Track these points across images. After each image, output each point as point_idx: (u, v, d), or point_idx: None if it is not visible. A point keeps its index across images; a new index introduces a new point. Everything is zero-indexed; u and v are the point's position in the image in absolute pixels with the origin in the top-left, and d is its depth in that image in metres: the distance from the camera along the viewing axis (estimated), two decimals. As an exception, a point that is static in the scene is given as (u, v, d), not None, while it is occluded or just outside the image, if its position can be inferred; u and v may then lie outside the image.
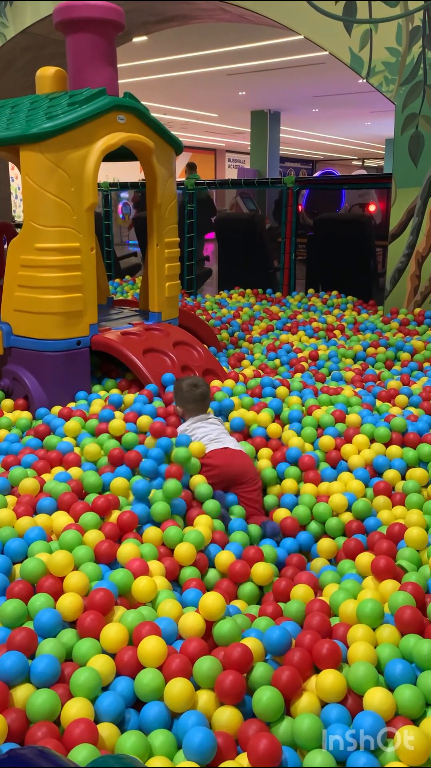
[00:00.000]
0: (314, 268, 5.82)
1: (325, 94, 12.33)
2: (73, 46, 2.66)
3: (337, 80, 10.31)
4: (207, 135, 18.94)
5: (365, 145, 21.52)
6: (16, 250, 2.53)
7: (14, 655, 1.17)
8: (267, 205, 10.42)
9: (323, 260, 5.68)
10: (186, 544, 1.56)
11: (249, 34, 8.02)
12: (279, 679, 1.16)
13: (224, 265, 6.52)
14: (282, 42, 8.34)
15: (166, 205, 2.92)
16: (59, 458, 2.06)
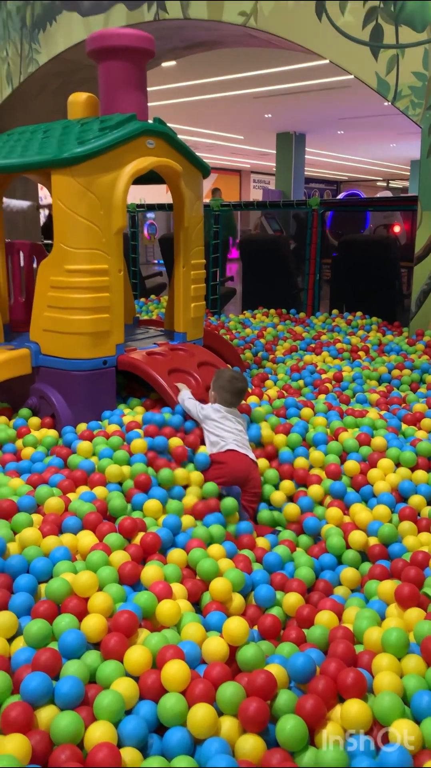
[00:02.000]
0: (339, 289, 5.83)
1: (351, 116, 12.41)
2: (105, 73, 2.73)
3: (363, 103, 10.38)
4: (232, 156, 19.14)
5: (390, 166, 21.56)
6: (46, 271, 2.58)
7: (39, 676, 1.17)
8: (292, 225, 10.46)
9: (348, 281, 5.69)
10: (223, 580, 1.54)
11: (275, 58, 8.12)
12: (304, 707, 1.15)
13: (248, 285, 6.56)
14: (309, 66, 8.44)
15: (192, 227, 2.95)
16: (84, 477, 2.08)
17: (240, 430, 2.28)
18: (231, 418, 2.30)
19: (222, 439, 2.22)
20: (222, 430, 2.25)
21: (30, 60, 6.05)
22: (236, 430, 2.26)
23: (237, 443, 2.20)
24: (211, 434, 2.27)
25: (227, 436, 2.22)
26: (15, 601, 1.45)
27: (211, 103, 11.69)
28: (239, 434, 2.25)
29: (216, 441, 2.24)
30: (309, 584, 1.68)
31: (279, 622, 1.48)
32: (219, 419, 2.28)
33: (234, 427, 2.27)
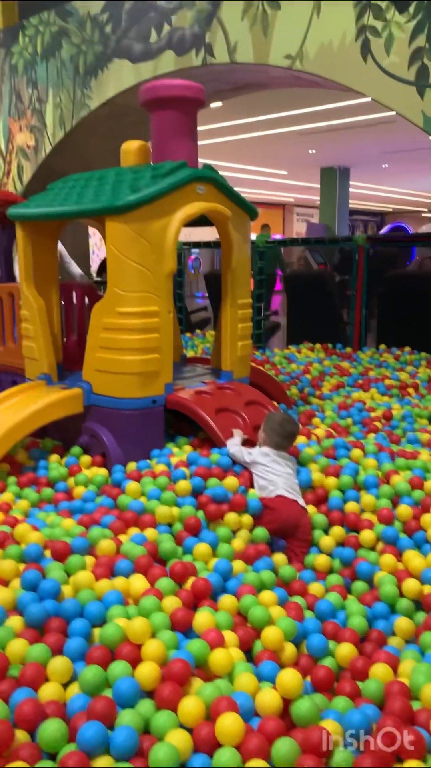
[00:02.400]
0: (386, 324, 5.80)
1: (395, 150, 12.45)
2: (157, 122, 2.82)
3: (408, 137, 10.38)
4: (276, 191, 19.35)
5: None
6: (99, 314, 2.65)
7: (95, 725, 1.18)
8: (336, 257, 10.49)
9: (395, 315, 5.65)
10: (275, 629, 1.52)
11: (320, 96, 8.23)
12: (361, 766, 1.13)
13: (293, 319, 6.58)
14: (353, 103, 8.53)
15: (240, 268, 3.00)
16: (134, 518, 2.10)
17: (290, 474, 2.27)
18: (281, 461, 2.30)
19: (271, 483, 2.21)
20: (271, 474, 2.24)
21: (82, 105, 6.29)
22: (286, 474, 2.25)
23: (287, 488, 2.19)
24: (260, 478, 2.27)
25: (277, 481, 2.21)
26: (70, 646, 1.47)
27: (255, 140, 11.89)
28: (289, 478, 2.24)
29: (265, 485, 2.23)
30: (362, 634, 1.65)
31: (333, 674, 1.46)
32: (269, 463, 2.28)
33: (284, 471, 2.27)
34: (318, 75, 4.54)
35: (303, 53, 4.54)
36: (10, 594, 1.63)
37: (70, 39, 6.24)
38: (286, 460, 2.33)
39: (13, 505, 2.33)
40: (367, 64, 4.27)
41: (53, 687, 1.36)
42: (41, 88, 6.68)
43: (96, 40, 5.99)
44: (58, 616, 1.58)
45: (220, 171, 2.92)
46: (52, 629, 1.54)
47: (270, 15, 4.61)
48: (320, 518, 2.21)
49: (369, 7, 4.12)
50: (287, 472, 2.27)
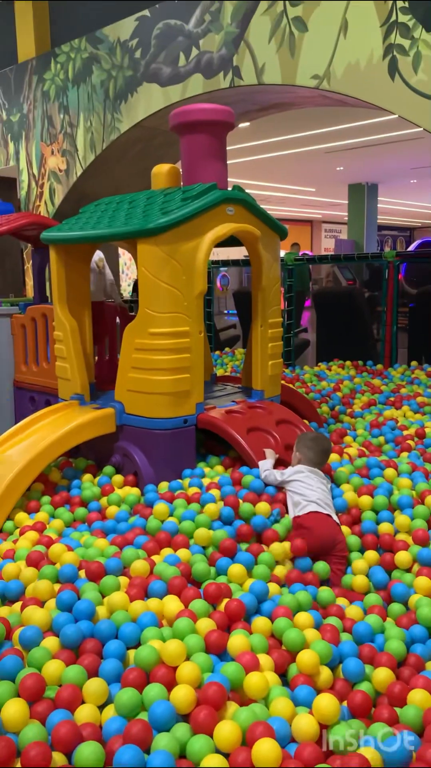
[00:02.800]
0: (417, 340, 5.74)
1: (424, 165, 12.41)
2: (187, 146, 2.86)
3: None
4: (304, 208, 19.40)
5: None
6: (131, 335, 2.68)
7: (131, 749, 1.18)
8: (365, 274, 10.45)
9: (427, 331, 5.60)
10: (311, 653, 1.51)
11: (347, 114, 8.27)
12: (402, 797, 1.11)
13: (322, 336, 6.56)
14: (381, 121, 8.55)
15: (269, 288, 3.01)
16: (168, 539, 2.11)
17: (324, 490, 2.26)
18: (314, 477, 2.29)
19: (304, 497, 2.20)
20: (305, 488, 2.23)
21: (112, 128, 6.41)
22: (320, 489, 2.24)
23: (321, 502, 2.17)
24: (294, 494, 2.25)
25: (310, 495, 2.20)
26: (105, 668, 1.47)
27: (283, 159, 11.97)
28: (323, 494, 2.23)
29: (298, 501, 2.21)
30: (400, 658, 1.62)
31: (370, 700, 1.43)
32: (303, 478, 2.28)
33: (318, 486, 2.26)
34: (345, 94, 4.56)
35: (330, 73, 4.57)
36: (46, 614, 1.64)
37: (101, 65, 6.38)
38: (320, 476, 2.32)
39: (47, 524, 2.36)
40: (395, 82, 4.28)
41: (89, 709, 1.37)
42: (72, 113, 6.83)
43: (126, 65, 6.11)
44: (94, 638, 1.59)
45: (248, 189, 2.95)
46: (87, 650, 1.55)
47: (297, 36, 4.66)
48: (354, 540, 2.19)
49: (397, 26, 4.14)
50: (321, 487, 2.26)
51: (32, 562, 1.98)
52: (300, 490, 2.25)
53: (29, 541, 2.15)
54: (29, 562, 1.98)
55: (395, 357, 5.37)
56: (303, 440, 2.44)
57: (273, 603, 1.77)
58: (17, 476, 2.46)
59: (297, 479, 2.29)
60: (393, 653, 1.60)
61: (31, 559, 1.98)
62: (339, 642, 1.64)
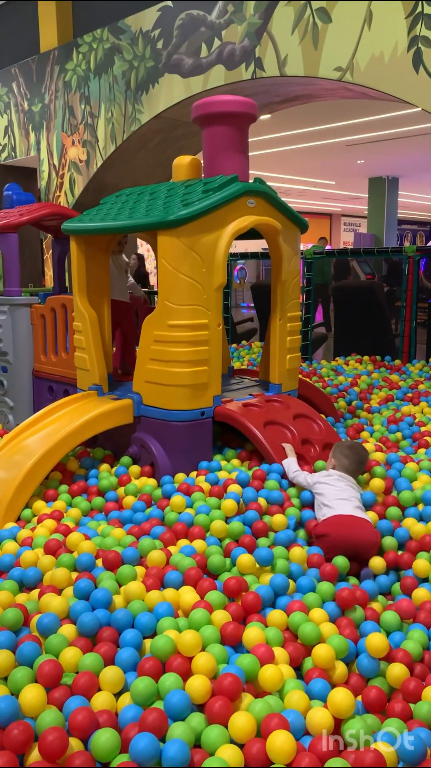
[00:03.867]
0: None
1: (446, 159, 12.27)
2: (209, 138, 2.85)
3: (459, 146, 10.25)
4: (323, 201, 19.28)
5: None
6: (149, 326, 2.69)
7: (147, 737, 1.19)
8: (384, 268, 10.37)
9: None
10: (327, 647, 1.51)
11: (369, 107, 8.20)
12: (416, 792, 1.11)
13: (340, 331, 6.52)
14: (403, 114, 8.46)
15: (289, 281, 3.00)
16: (184, 530, 2.12)
17: (353, 495, 2.19)
18: (344, 482, 2.24)
19: (327, 500, 2.13)
20: (331, 490, 2.17)
21: (133, 119, 6.41)
22: (351, 496, 2.17)
23: (346, 503, 2.11)
24: (321, 497, 2.18)
25: (335, 494, 2.14)
26: (121, 656, 1.49)
27: (303, 151, 11.89)
28: (353, 500, 2.16)
29: (321, 505, 2.16)
30: (417, 656, 1.61)
31: (385, 696, 1.43)
32: (333, 482, 2.21)
33: (346, 488, 2.20)
34: (368, 87, 4.52)
35: (353, 65, 4.52)
36: (64, 602, 1.66)
37: (122, 55, 6.37)
38: (352, 482, 2.27)
39: (64, 513, 2.38)
40: (419, 75, 4.23)
41: (105, 696, 1.38)
42: (93, 104, 6.83)
43: (147, 56, 6.10)
44: (110, 626, 1.60)
45: (268, 182, 2.94)
46: (104, 638, 1.57)
47: (320, 28, 4.62)
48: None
49: (422, 18, 4.09)
50: (349, 490, 2.20)
51: (50, 550, 2.00)
52: (328, 492, 2.17)
53: (47, 529, 2.18)
54: (47, 550, 2.00)
55: (414, 353, 5.33)
56: (340, 447, 2.40)
57: (290, 598, 1.77)
58: (35, 465, 2.48)
59: (325, 482, 2.24)
60: (410, 651, 1.60)
61: (49, 547, 2.00)
62: (357, 639, 1.64)
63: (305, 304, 5.96)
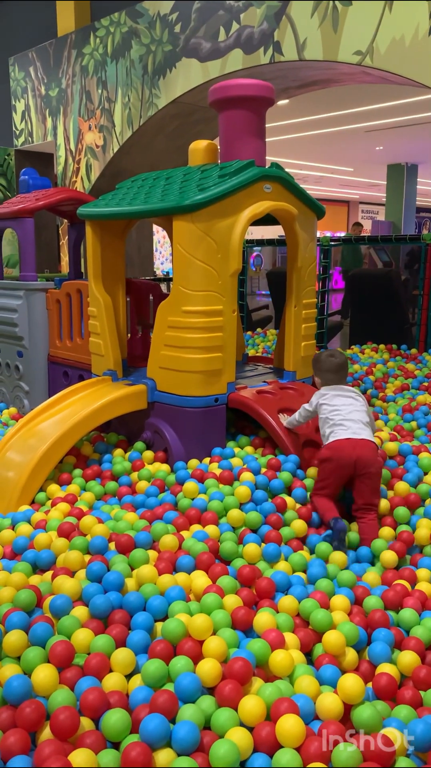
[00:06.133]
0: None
1: (466, 145, 12.09)
2: (226, 122, 2.83)
3: None
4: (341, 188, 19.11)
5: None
6: (164, 312, 2.68)
7: (157, 718, 1.20)
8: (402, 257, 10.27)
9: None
10: (338, 634, 1.51)
11: (388, 92, 8.08)
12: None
13: (356, 319, 6.48)
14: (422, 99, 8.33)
15: (305, 268, 2.98)
16: (197, 515, 2.12)
17: (356, 408, 2.22)
18: (343, 394, 2.28)
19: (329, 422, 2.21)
20: (332, 411, 2.23)
21: (150, 104, 6.37)
22: (349, 407, 2.21)
23: (348, 423, 2.16)
24: (326, 419, 2.24)
25: (335, 418, 2.19)
26: (133, 639, 1.50)
27: (321, 137, 11.77)
28: (353, 411, 2.20)
29: (324, 428, 2.24)
30: (428, 643, 1.61)
31: (396, 683, 1.43)
32: (330, 400, 2.25)
33: (348, 403, 2.24)
34: (388, 71, 4.45)
35: (373, 49, 4.45)
36: (76, 584, 1.68)
37: (140, 39, 6.33)
38: (348, 391, 2.31)
39: (78, 497, 2.40)
40: (441, 59, 4.16)
41: (117, 678, 1.39)
42: (110, 88, 6.80)
43: (165, 40, 6.05)
44: (122, 609, 1.61)
45: (285, 168, 2.91)
46: (115, 621, 1.58)
47: (340, 11, 4.55)
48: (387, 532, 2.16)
49: (445, 0, 4.02)
50: (350, 404, 2.23)
51: (63, 533, 2.01)
52: (329, 413, 2.23)
53: (60, 512, 2.19)
54: (60, 533, 2.02)
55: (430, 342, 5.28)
56: (316, 363, 2.45)
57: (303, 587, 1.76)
58: (50, 449, 2.50)
59: (323, 402, 2.27)
60: (421, 638, 1.59)
61: (63, 529, 2.02)
62: (368, 625, 1.64)
63: (321, 292, 5.92)
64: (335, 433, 2.18)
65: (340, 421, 2.19)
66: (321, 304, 5.91)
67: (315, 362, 2.48)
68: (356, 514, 2.15)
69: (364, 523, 2.11)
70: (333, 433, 2.19)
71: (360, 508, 2.14)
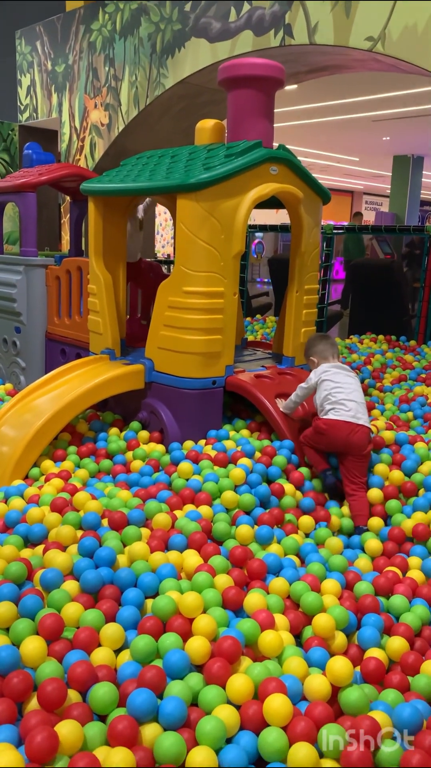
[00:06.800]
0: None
1: None
2: (235, 101, 2.79)
3: None
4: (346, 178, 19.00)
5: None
6: (164, 292, 2.66)
7: (145, 692, 1.20)
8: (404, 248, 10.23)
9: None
10: (327, 617, 1.52)
11: (397, 81, 8.01)
12: (410, 761, 1.11)
13: (356, 309, 6.46)
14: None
15: (309, 253, 2.95)
16: (191, 495, 2.12)
17: (354, 388, 2.31)
18: (342, 371, 2.36)
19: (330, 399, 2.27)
20: (334, 387, 2.29)
21: (157, 84, 6.31)
22: (349, 386, 2.29)
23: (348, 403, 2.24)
24: (328, 394, 2.29)
25: (342, 407, 2.24)
26: (123, 614, 1.50)
27: (328, 125, 11.68)
28: (352, 391, 2.28)
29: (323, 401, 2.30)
30: (417, 630, 1.61)
31: (384, 667, 1.44)
32: (331, 377, 2.33)
33: (349, 381, 2.32)
34: (400, 58, 4.40)
35: (385, 35, 4.41)
36: (68, 559, 1.67)
37: (149, 17, 6.25)
38: (346, 370, 2.39)
39: (72, 473, 2.39)
40: (453, 48, 4.12)
41: (105, 652, 1.39)
42: (118, 66, 6.72)
43: (175, 18, 5.97)
44: (113, 584, 1.61)
45: (291, 154, 2.87)
46: (106, 596, 1.57)
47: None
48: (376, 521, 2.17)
49: (459, -12, 3.97)
50: (352, 382, 2.32)
51: (56, 508, 2.01)
52: (329, 390, 2.30)
53: (54, 488, 2.19)
54: (53, 508, 2.01)
55: (430, 334, 5.27)
56: (310, 343, 2.55)
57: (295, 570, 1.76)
58: (45, 425, 2.48)
59: (326, 378, 2.34)
60: (411, 624, 1.60)
61: (56, 504, 2.01)
62: (358, 610, 1.64)
63: (322, 280, 5.89)
64: (335, 411, 2.26)
65: (342, 400, 2.26)
66: (321, 293, 5.89)
67: (310, 343, 2.57)
68: (347, 490, 2.23)
69: (355, 500, 2.19)
70: (333, 410, 2.27)
71: (349, 485, 2.22)
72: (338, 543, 1.96)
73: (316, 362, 2.50)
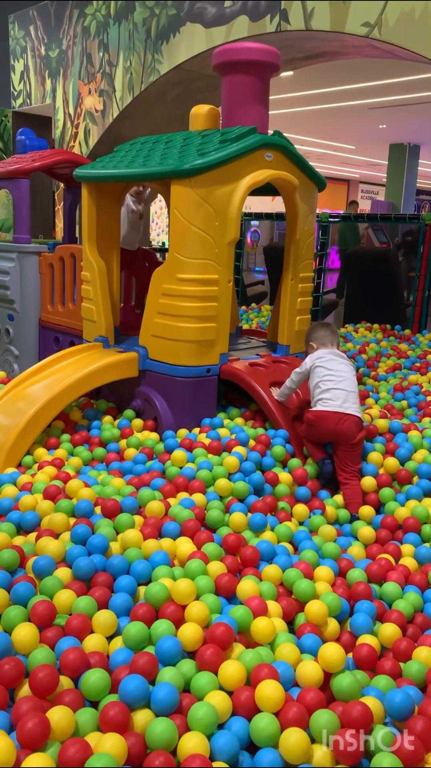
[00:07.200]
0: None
1: (471, 128, 11.95)
2: (229, 86, 2.76)
3: None
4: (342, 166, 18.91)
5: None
6: (158, 279, 2.64)
7: (137, 679, 1.20)
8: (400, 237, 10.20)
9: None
10: (320, 604, 1.52)
11: (394, 68, 7.95)
12: (402, 746, 1.12)
13: (351, 298, 6.45)
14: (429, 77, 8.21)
15: (304, 240, 2.94)
16: (185, 483, 2.12)
17: (348, 377, 2.31)
18: (338, 359, 2.36)
19: (321, 387, 2.28)
20: (327, 375, 2.29)
21: (152, 70, 6.24)
22: (342, 374, 2.30)
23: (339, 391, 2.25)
24: (320, 381, 2.30)
25: (332, 396, 2.25)
26: (115, 601, 1.50)
27: (324, 113, 11.59)
28: (346, 380, 2.28)
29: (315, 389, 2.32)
30: (409, 617, 1.61)
31: (376, 654, 1.44)
32: (325, 363, 2.33)
33: (342, 369, 2.32)
34: (397, 45, 4.36)
35: (382, 21, 4.36)
36: (60, 546, 1.67)
37: (144, 1, 6.17)
38: (344, 357, 2.40)
39: (65, 461, 2.38)
40: (450, 34, 4.08)
41: (97, 639, 1.39)
42: (112, 52, 6.65)
43: (170, 3, 5.90)
44: (105, 571, 1.61)
45: (287, 141, 2.85)
46: (98, 583, 1.57)
47: (350, -20, 4.44)
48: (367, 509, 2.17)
49: (457, -27, 3.93)
50: (344, 370, 2.32)
51: (49, 496, 2.00)
52: (320, 377, 2.31)
53: (47, 476, 2.18)
54: (46, 495, 2.00)
55: (425, 323, 5.27)
56: (311, 330, 2.56)
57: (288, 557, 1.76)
58: (38, 412, 2.47)
59: (319, 365, 2.35)
60: (403, 611, 1.60)
61: (49, 492, 2.01)
62: (350, 597, 1.64)
63: (317, 269, 5.88)
64: (323, 402, 2.27)
65: (330, 389, 2.27)
66: (317, 282, 5.88)
67: (311, 329, 2.58)
68: (340, 479, 2.25)
69: (348, 489, 2.21)
70: (321, 401, 2.28)
71: (342, 474, 2.24)
72: (331, 530, 1.96)
73: (315, 348, 2.50)
